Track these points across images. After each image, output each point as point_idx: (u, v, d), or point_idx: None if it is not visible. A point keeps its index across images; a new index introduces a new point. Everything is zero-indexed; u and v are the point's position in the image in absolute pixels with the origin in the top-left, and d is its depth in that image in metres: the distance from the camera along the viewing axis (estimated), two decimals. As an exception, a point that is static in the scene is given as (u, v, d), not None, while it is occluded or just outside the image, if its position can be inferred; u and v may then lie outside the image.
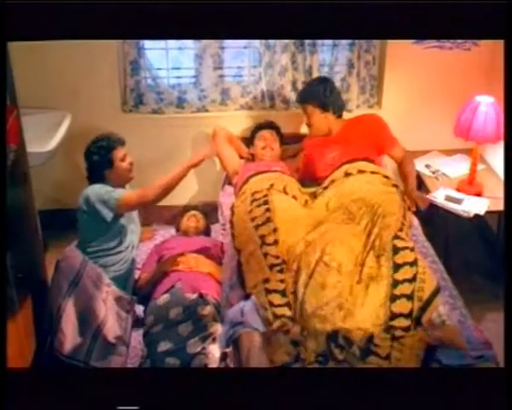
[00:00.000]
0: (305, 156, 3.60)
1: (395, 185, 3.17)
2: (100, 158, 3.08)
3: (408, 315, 2.47)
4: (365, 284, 2.58)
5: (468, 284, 3.27)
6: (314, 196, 3.20)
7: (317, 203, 3.11)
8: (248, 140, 3.80)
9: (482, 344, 2.42)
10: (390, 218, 2.80)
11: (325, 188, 3.21)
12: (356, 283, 2.59)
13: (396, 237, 2.70)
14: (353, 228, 2.84)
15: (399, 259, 2.62)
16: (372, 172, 3.19)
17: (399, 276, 2.56)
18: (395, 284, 2.55)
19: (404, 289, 2.53)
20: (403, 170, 3.46)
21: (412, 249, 2.67)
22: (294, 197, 3.17)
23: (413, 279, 2.55)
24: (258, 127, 3.76)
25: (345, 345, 2.39)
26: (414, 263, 2.61)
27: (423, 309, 2.50)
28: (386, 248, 2.66)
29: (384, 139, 3.45)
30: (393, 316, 2.48)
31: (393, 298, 2.51)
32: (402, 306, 2.49)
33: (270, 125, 3.76)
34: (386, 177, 3.21)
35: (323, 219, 2.97)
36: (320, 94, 3.42)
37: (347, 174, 3.19)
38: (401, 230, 2.78)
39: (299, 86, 3.88)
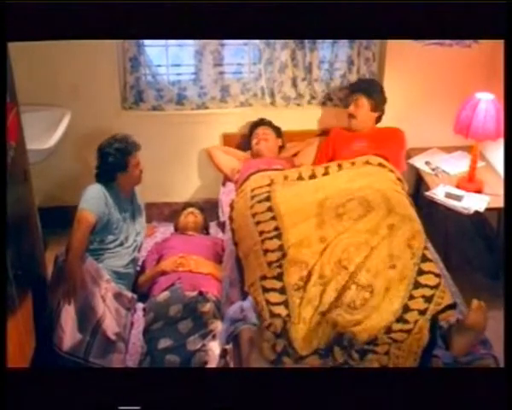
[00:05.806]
0: (327, 143, 3.72)
1: (404, 188, 3.24)
2: (115, 160, 3.13)
3: (422, 313, 2.49)
4: (386, 287, 2.58)
5: (467, 281, 3.26)
6: (326, 172, 3.22)
7: (328, 179, 3.15)
8: (246, 142, 3.89)
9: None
10: (412, 224, 2.82)
11: (339, 166, 3.26)
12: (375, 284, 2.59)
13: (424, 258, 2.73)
14: (366, 223, 2.77)
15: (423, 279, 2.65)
16: (391, 171, 3.27)
17: (421, 282, 2.61)
18: (416, 285, 2.59)
19: (425, 291, 2.57)
20: None
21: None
22: (300, 177, 3.19)
23: (435, 287, 2.60)
24: (253, 126, 3.85)
25: (348, 346, 2.40)
26: (438, 275, 2.67)
27: (438, 313, 2.52)
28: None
29: (394, 159, 3.50)
30: (407, 310, 2.50)
31: (412, 297, 2.55)
32: (419, 304, 2.52)
33: (262, 122, 3.84)
34: (399, 179, 3.28)
35: (330, 194, 2.93)
36: (378, 93, 3.65)
37: (368, 163, 3.28)
38: (426, 247, 2.81)
39: (299, 83, 3.88)
